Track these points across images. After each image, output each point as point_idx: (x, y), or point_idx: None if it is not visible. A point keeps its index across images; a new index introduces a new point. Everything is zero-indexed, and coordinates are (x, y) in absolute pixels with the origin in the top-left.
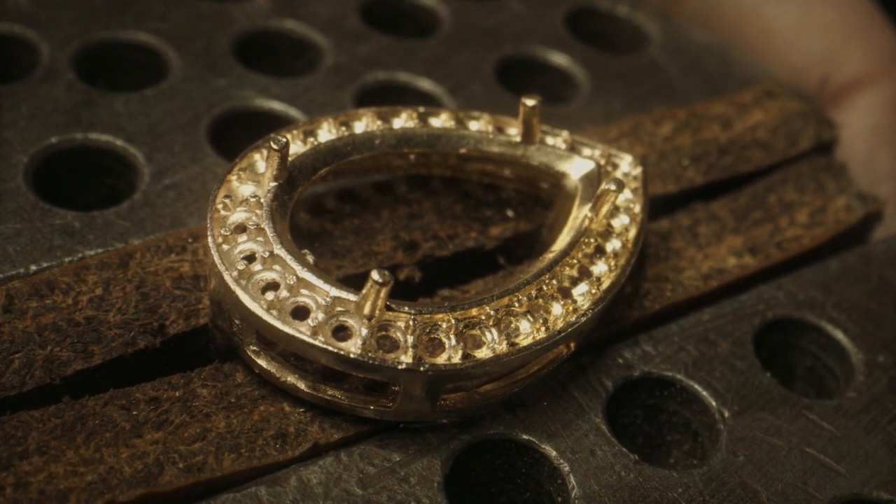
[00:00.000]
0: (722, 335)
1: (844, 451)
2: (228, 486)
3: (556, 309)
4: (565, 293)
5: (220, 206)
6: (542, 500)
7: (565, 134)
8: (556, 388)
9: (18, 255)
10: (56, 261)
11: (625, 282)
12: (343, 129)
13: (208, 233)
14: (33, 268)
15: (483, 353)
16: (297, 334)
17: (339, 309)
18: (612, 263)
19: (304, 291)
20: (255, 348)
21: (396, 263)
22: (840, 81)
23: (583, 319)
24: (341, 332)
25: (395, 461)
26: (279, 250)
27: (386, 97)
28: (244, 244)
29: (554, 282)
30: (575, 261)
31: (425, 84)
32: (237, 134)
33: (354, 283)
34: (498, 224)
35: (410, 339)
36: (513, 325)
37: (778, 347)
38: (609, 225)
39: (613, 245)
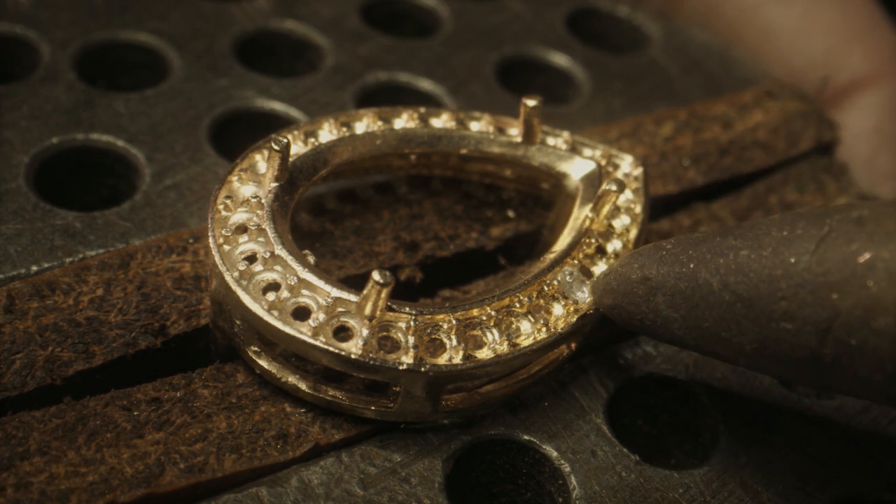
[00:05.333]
0: None
1: (845, 451)
2: (229, 486)
3: (557, 309)
4: (564, 295)
5: (221, 207)
6: (543, 500)
7: (566, 134)
8: (557, 388)
9: (19, 255)
10: (57, 261)
11: None
12: (344, 129)
13: (209, 233)
14: (34, 268)
15: (484, 354)
16: (297, 335)
17: (340, 309)
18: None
19: (304, 292)
20: (256, 349)
21: (397, 264)
22: (841, 82)
23: (584, 320)
24: (342, 333)
25: (397, 461)
26: (280, 251)
27: (386, 97)
28: (245, 245)
29: (555, 282)
30: (576, 261)
31: (426, 84)
32: (238, 134)
33: (355, 283)
34: (499, 224)
35: (411, 339)
36: (514, 326)
37: None
38: (610, 225)
39: (614, 245)
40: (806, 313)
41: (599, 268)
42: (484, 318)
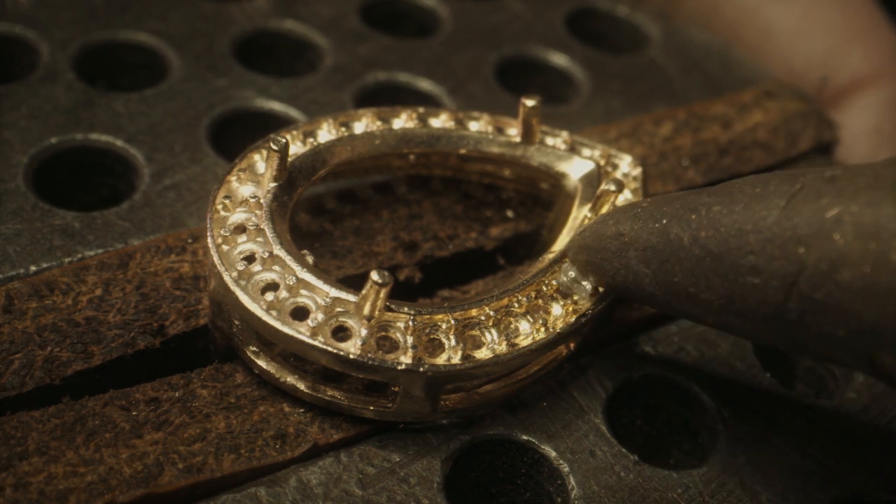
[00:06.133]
0: (721, 335)
1: (844, 451)
2: (228, 486)
3: (556, 309)
4: (565, 294)
5: (219, 207)
6: (542, 500)
7: (565, 134)
8: (556, 388)
9: (18, 255)
10: (56, 261)
11: None
12: (343, 129)
13: (208, 233)
14: (33, 268)
15: (483, 354)
16: (296, 335)
17: (338, 309)
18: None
19: (303, 292)
20: (254, 349)
21: (396, 264)
22: (840, 82)
23: (582, 320)
24: (341, 333)
25: (395, 462)
26: (279, 251)
27: (386, 97)
28: (244, 245)
29: (554, 282)
30: None
31: (425, 84)
32: (237, 134)
33: (354, 283)
34: (498, 224)
35: (410, 339)
36: (512, 326)
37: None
38: None
39: None
40: (773, 267)
41: None
42: (483, 318)
